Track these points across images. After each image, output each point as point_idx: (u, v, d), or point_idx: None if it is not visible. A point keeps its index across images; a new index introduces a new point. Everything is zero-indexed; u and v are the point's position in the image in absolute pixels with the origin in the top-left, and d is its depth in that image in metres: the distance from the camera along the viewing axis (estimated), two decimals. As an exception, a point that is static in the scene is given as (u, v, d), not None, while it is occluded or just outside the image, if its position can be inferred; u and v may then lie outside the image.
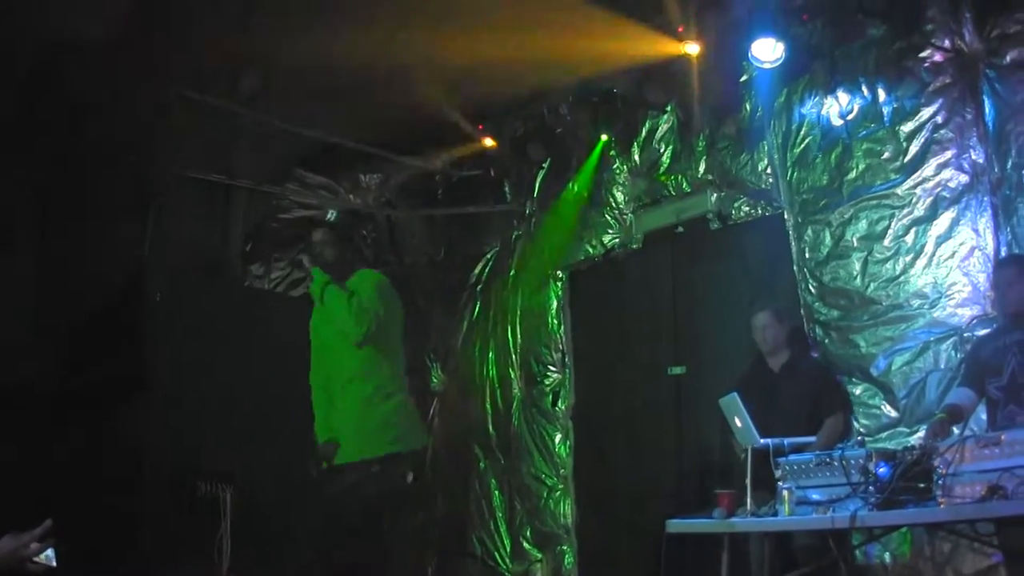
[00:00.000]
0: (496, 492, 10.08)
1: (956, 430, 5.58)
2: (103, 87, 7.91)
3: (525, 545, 9.75)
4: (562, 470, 9.66)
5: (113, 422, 8.01)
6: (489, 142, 10.10)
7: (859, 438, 6.50)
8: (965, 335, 7.00)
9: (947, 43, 7.37)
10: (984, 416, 6.16)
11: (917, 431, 6.92)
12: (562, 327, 9.89)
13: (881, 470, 4.96)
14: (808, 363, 7.40)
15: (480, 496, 10.20)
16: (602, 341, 9.61)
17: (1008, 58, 7.06)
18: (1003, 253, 6.88)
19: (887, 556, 6.97)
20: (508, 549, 9.87)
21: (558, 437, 9.74)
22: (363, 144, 9.80)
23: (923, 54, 7.48)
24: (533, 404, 9.99)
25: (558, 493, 9.66)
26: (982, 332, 6.71)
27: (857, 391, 7.47)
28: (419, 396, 9.49)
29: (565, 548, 9.48)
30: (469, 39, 7.88)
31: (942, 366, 7.12)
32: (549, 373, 9.89)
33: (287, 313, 8.44)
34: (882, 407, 7.37)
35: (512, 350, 10.24)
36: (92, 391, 8.05)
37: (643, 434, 9.06)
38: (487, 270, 10.71)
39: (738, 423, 6.24)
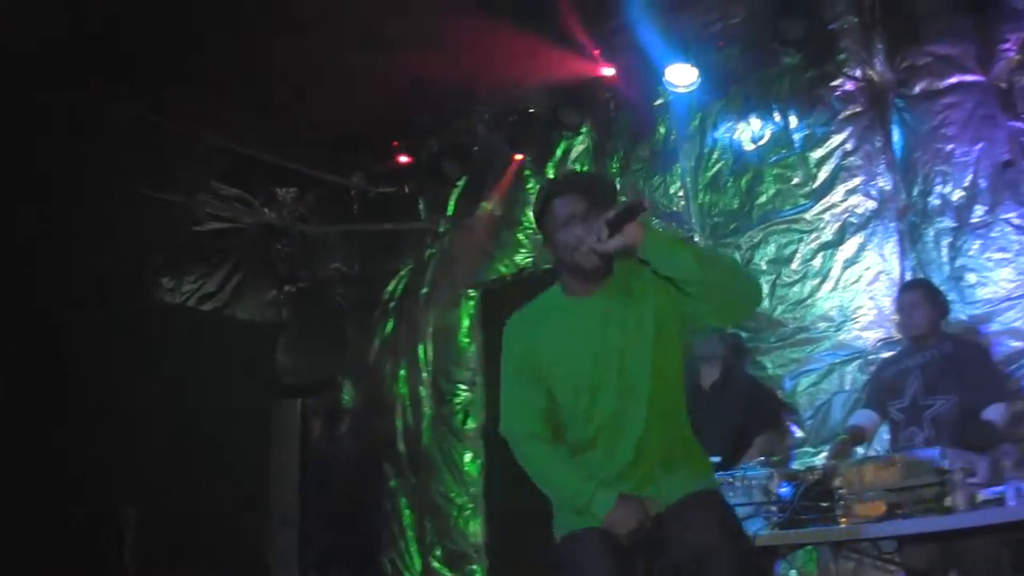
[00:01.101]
0: (407, 511, 9.92)
1: (860, 451, 5.86)
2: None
3: (435, 564, 9.60)
4: (472, 489, 9.53)
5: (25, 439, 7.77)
6: (405, 159, 9.98)
7: (761, 458, 6.49)
8: (870, 358, 7.10)
9: (859, 73, 7.51)
10: (887, 437, 6.24)
11: (822, 451, 6.96)
12: (473, 346, 9.78)
13: (783, 490, 5.01)
14: (739, 380, 7.26)
15: (390, 515, 10.03)
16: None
17: (917, 88, 7.22)
18: (908, 277, 6.99)
19: (793, 573, 6.99)
20: (418, 569, 9.72)
21: (468, 456, 9.61)
22: (279, 158, 9.63)
23: (835, 83, 7.62)
24: (444, 422, 9.86)
25: (468, 512, 9.53)
26: (886, 355, 6.76)
27: (764, 412, 7.44)
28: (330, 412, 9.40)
29: (475, 568, 9.36)
30: (387, 56, 7.79)
31: (847, 388, 7.22)
32: (460, 392, 9.78)
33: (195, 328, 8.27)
34: (791, 429, 7.42)
35: (423, 368, 10.11)
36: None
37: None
38: (400, 287, 10.53)
39: None
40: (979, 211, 6.84)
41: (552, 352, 3.79)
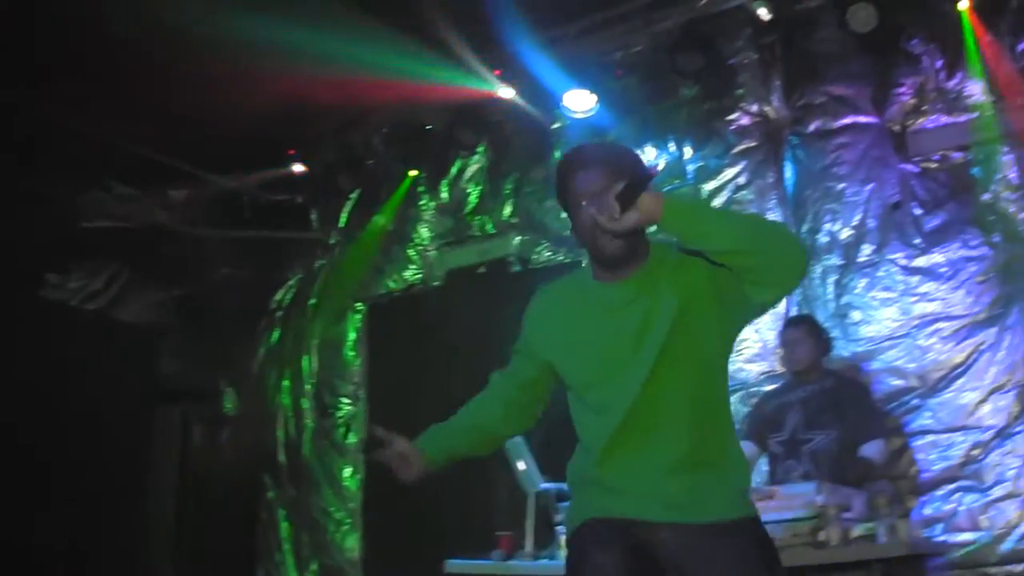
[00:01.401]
0: (284, 523, 9.73)
1: None
2: None
3: (311, 578, 9.44)
4: (351, 504, 9.36)
5: None
6: (299, 168, 9.81)
7: None
8: (752, 390, 7.13)
9: (755, 108, 7.59)
10: (766, 469, 6.28)
11: None
12: (359, 360, 9.64)
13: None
14: None
15: (267, 526, 9.84)
16: (398, 377, 9.35)
17: (812, 127, 7.34)
18: (793, 313, 7.04)
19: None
20: (294, 581, 9.56)
21: (348, 471, 9.45)
22: (173, 159, 9.41)
23: (731, 117, 7.71)
24: (325, 435, 9.69)
25: (346, 527, 9.35)
26: (768, 388, 6.83)
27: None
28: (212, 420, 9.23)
29: (351, 582, 9.19)
30: (286, 64, 7.65)
31: None
32: (343, 405, 9.62)
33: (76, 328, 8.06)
34: None
35: (307, 380, 9.93)
36: None
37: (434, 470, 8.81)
38: (288, 297, 10.35)
39: (521, 466, 6.13)
40: (866, 250, 6.96)
41: (558, 334, 3.45)
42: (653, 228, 3.01)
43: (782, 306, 7.11)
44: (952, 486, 6.35)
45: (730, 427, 3.30)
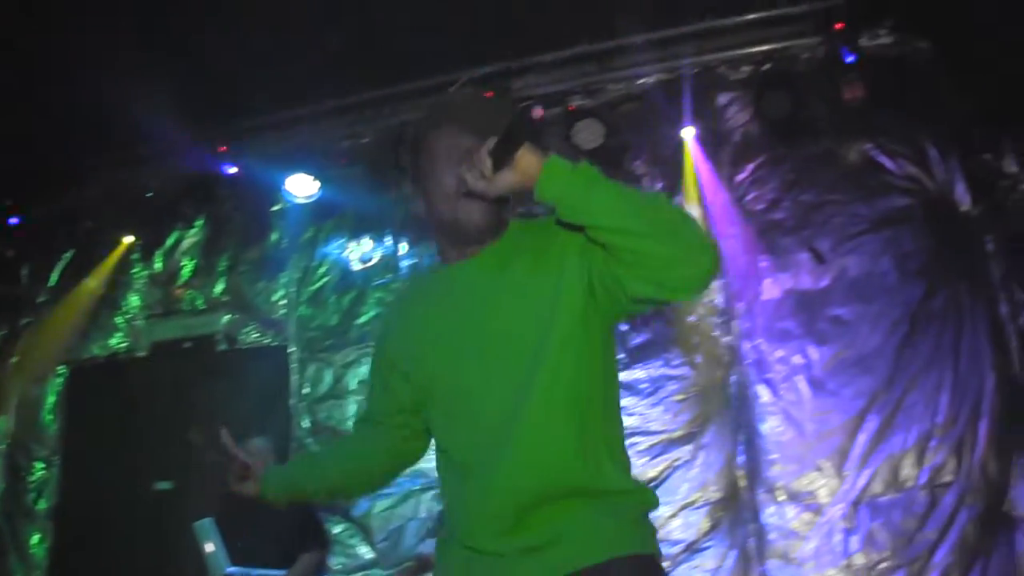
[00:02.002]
0: (-34, 587, 9.14)
1: None
2: None
3: (-9, 646, 8.88)
4: (36, 572, 8.83)
5: None
6: (15, 221, 9.34)
7: None
8: None
9: None
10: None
11: (390, 574, 7.03)
12: (56, 424, 9.16)
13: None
14: None
15: (-52, 590, 9.22)
16: (95, 444, 8.95)
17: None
18: None
19: None
20: (-27, 648, 8.96)
21: (36, 537, 8.93)
22: None
23: None
24: (15, 499, 9.14)
25: (29, 596, 8.81)
26: None
27: (337, 530, 7.46)
28: None
29: (33, 654, 8.68)
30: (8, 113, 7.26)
31: (422, 515, 7.27)
32: (36, 469, 9.12)
33: None
34: (359, 548, 7.39)
35: (2, 439, 9.37)
36: None
37: (124, 544, 8.43)
38: (-10, 353, 9.79)
39: (209, 548, 5.93)
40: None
41: (404, 331, 2.89)
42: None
43: None
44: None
45: (611, 444, 2.64)
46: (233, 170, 8.10)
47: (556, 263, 2.63)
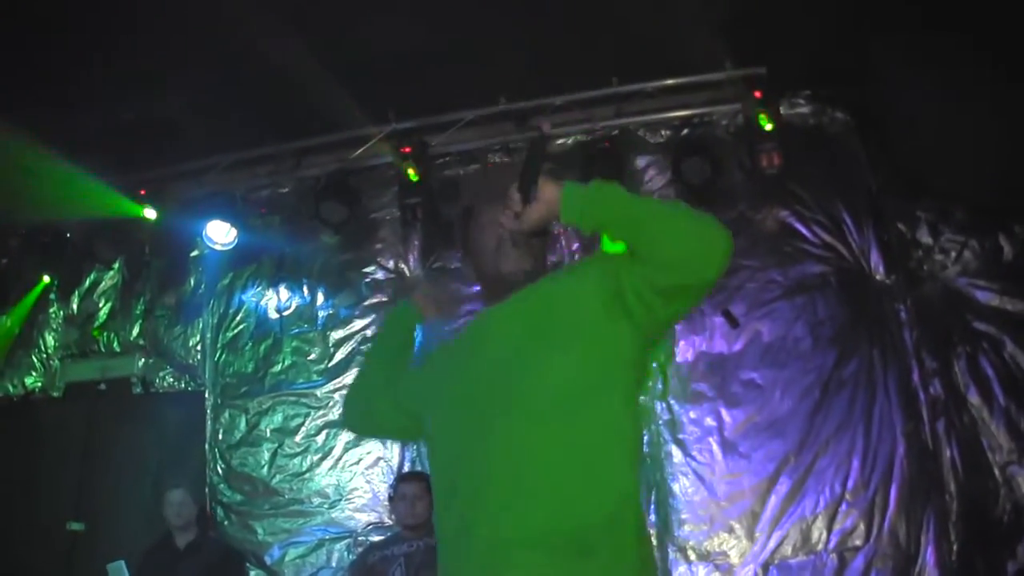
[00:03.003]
0: None
1: None
2: None
3: None
4: (-58, 611, 8.51)
5: None
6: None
7: None
8: (359, 538, 7.09)
9: (391, 264, 7.67)
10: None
11: None
12: (-34, 460, 8.84)
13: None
14: (214, 543, 7.04)
15: None
16: (7, 483, 8.64)
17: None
18: (407, 467, 7.09)
19: None
20: None
21: (-57, 575, 8.59)
22: None
23: (367, 269, 7.73)
24: (-78, 536, 8.79)
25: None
26: (375, 539, 6.71)
27: (250, 576, 7.30)
28: None
29: None
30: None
31: (334, 564, 7.16)
32: (-55, 506, 8.79)
33: None
34: None
35: (-93, 474, 9.04)
36: None
37: (33, 584, 8.18)
38: (-100, 389, 9.42)
39: None
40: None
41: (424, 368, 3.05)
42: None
43: (396, 459, 7.18)
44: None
45: (620, 497, 2.47)
46: (152, 214, 7.84)
47: (567, 291, 2.70)
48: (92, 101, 6.77)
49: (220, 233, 7.65)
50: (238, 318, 7.94)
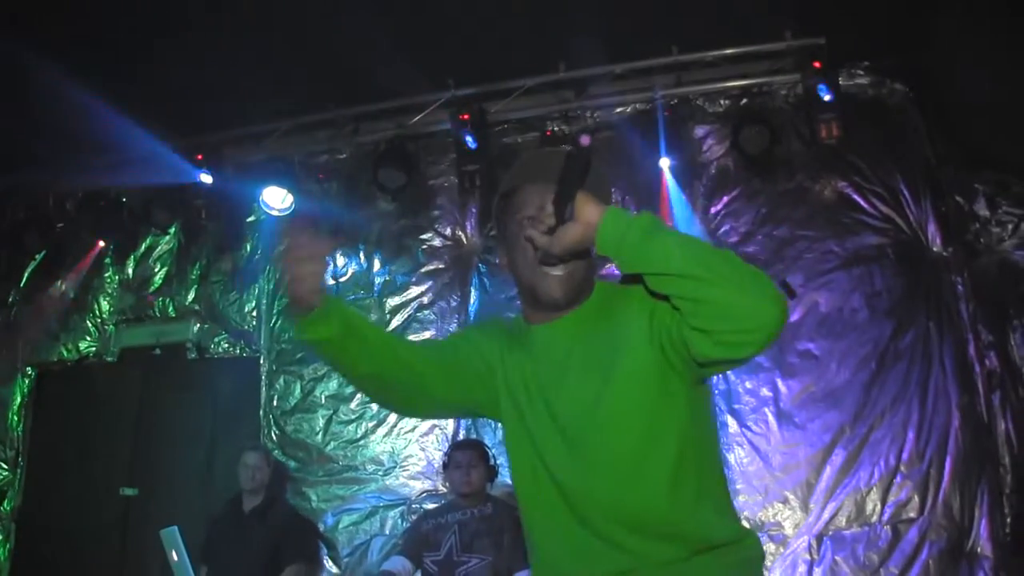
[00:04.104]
0: (-76, 588, 8.72)
1: None
2: None
3: (-49, 649, 8.47)
4: (-2, 574, 8.46)
5: None
6: (-14, 221, 8.93)
7: None
8: (413, 506, 7.02)
9: (449, 231, 7.56)
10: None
11: None
12: (22, 425, 8.76)
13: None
14: (280, 509, 6.89)
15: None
16: (61, 447, 8.61)
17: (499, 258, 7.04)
18: (461, 435, 6.95)
19: None
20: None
21: (-2, 539, 8.53)
22: None
23: (424, 236, 7.62)
24: (-23, 500, 8.74)
25: (-10, 598, 8.43)
26: (429, 506, 6.62)
27: (304, 544, 7.21)
28: None
29: (-12, 656, 8.32)
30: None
31: (387, 531, 7.10)
32: (0, 470, 8.70)
33: None
34: (325, 562, 7.20)
35: (-36, 440, 8.98)
36: None
37: (87, 549, 8.11)
38: (-44, 351, 9.36)
39: (175, 557, 5.72)
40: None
41: (499, 370, 2.65)
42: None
43: (451, 427, 7.07)
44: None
45: (713, 496, 2.45)
46: (209, 179, 7.74)
47: (628, 333, 2.42)
48: (151, 65, 6.64)
49: (277, 199, 7.56)
50: (294, 284, 7.78)
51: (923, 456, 6.44)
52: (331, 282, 7.61)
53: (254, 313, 7.94)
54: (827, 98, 6.68)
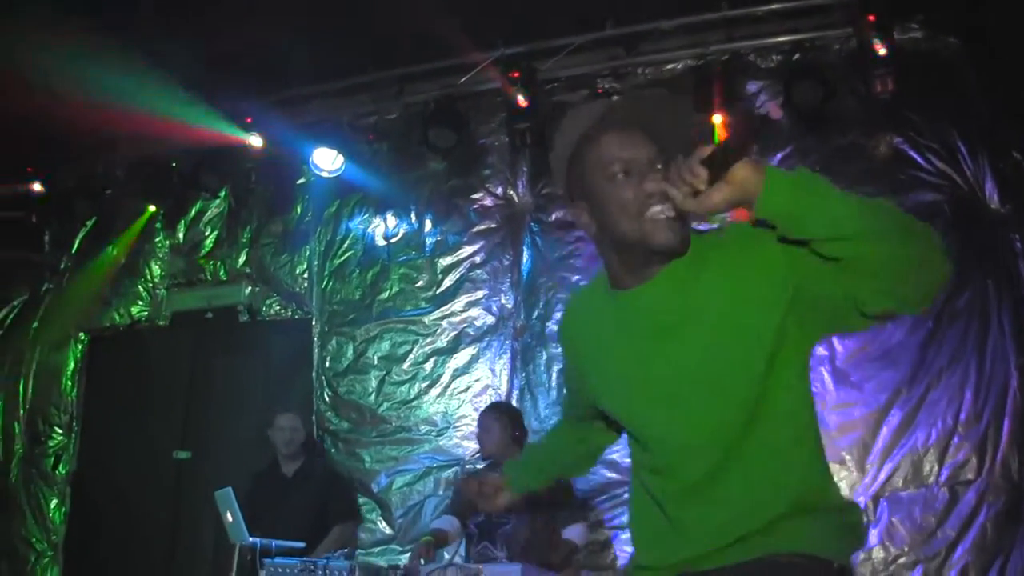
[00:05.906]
0: (-17, 548, 8.68)
1: (447, 554, 5.57)
2: None
3: (7, 608, 8.47)
4: (54, 536, 8.43)
5: None
6: (38, 187, 8.80)
7: (346, 550, 5.96)
8: (467, 466, 6.87)
9: (500, 190, 7.42)
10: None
11: (409, 550, 6.62)
12: (75, 390, 8.74)
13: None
14: (322, 470, 6.89)
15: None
16: (114, 412, 8.57)
17: (553, 216, 7.17)
18: (516, 395, 6.89)
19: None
20: (-11, 610, 8.53)
21: (54, 502, 8.51)
22: None
23: (475, 196, 7.49)
24: (34, 464, 8.72)
25: (46, 560, 8.39)
26: (480, 466, 6.50)
27: (356, 504, 7.19)
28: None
29: (46, 618, 8.26)
30: (31, 80, 6.82)
31: (440, 492, 7.03)
32: (55, 435, 8.70)
33: None
34: (378, 523, 7.17)
35: (21, 404, 8.94)
36: None
37: (141, 512, 8.11)
38: (11, 318, 9.33)
39: (230, 518, 5.74)
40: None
41: (587, 357, 2.52)
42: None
43: (504, 388, 6.99)
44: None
45: (814, 469, 2.33)
46: (259, 142, 7.63)
47: (749, 286, 2.22)
48: (199, 29, 6.57)
49: (327, 160, 7.42)
50: (345, 245, 7.74)
51: (981, 416, 6.18)
52: (382, 243, 7.49)
53: (305, 275, 7.84)
54: (882, 52, 6.43)
